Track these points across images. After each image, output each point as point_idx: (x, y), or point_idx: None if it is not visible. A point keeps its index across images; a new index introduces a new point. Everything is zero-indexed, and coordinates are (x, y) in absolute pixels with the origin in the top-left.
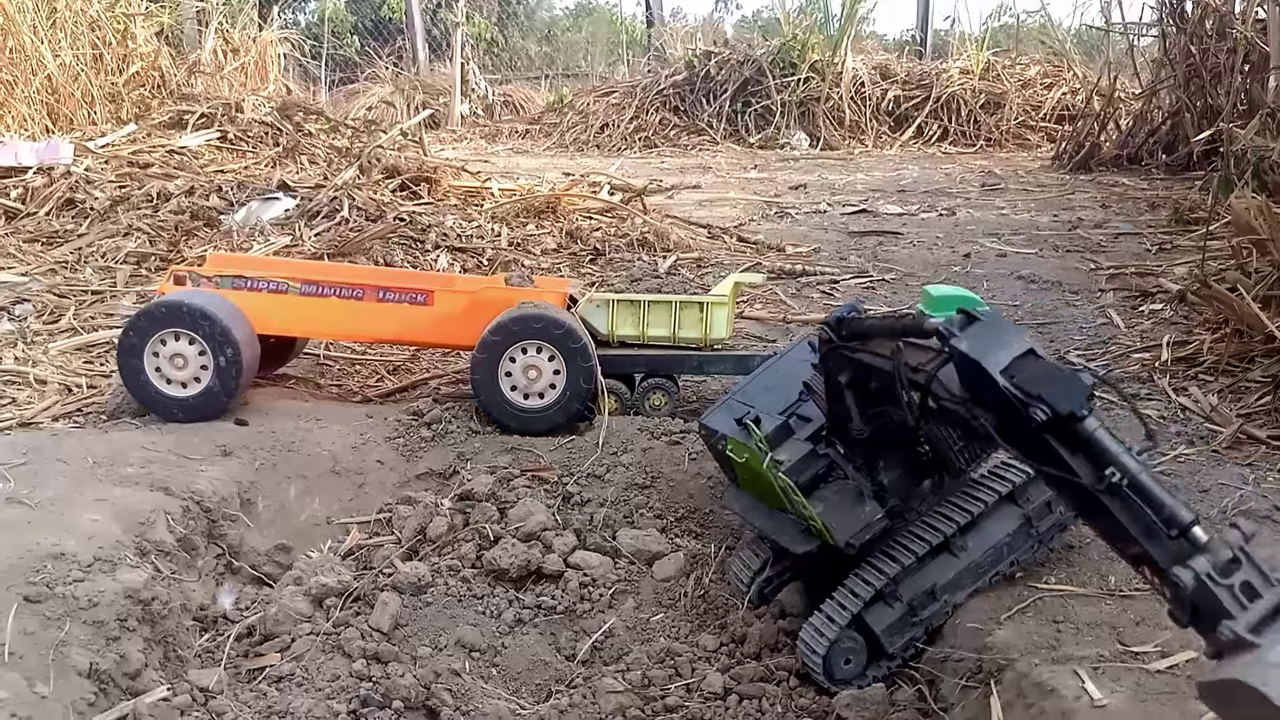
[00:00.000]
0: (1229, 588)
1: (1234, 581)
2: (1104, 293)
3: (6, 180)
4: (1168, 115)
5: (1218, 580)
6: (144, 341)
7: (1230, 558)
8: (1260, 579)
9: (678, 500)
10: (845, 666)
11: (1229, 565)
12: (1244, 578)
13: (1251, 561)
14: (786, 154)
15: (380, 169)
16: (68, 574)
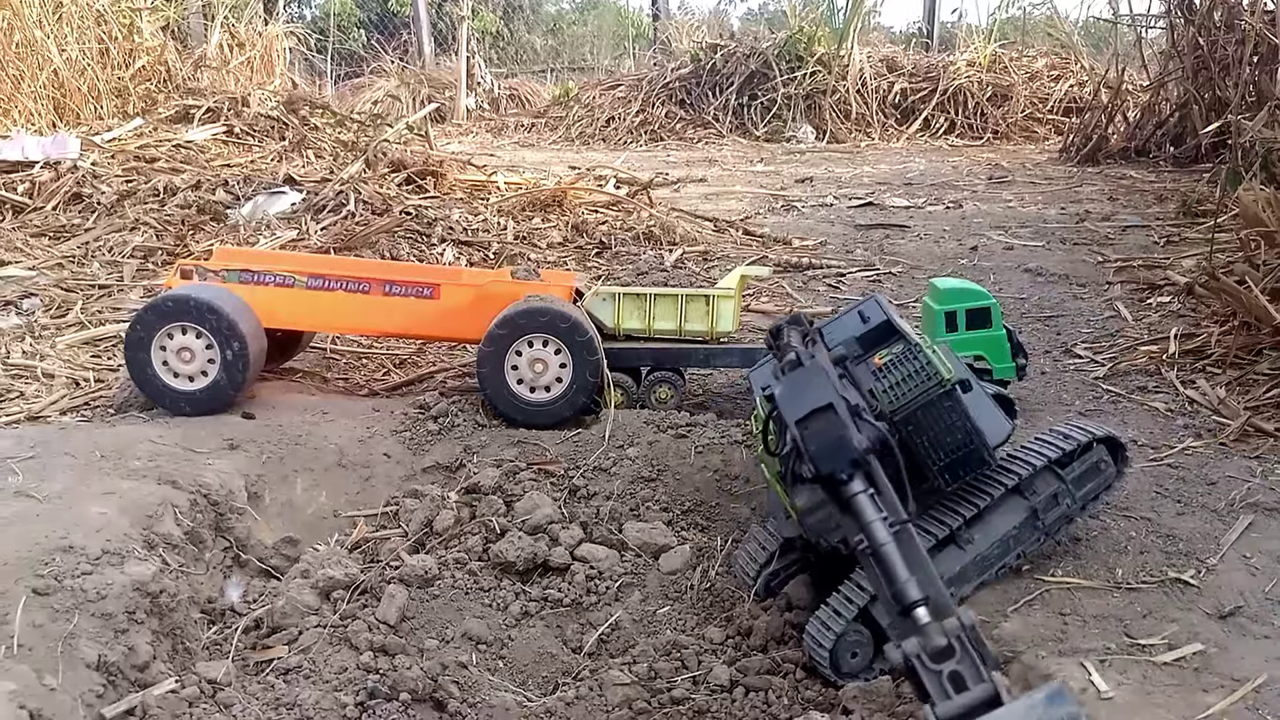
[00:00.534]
0: (937, 674)
1: (944, 669)
2: (1111, 285)
3: (13, 175)
4: (1175, 107)
5: (926, 665)
6: (151, 335)
7: (944, 645)
8: (972, 672)
9: (684, 493)
10: (852, 660)
11: (942, 652)
12: (955, 668)
13: (968, 652)
14: (792, 147)
15: (386, 163)
16: (76, 567)
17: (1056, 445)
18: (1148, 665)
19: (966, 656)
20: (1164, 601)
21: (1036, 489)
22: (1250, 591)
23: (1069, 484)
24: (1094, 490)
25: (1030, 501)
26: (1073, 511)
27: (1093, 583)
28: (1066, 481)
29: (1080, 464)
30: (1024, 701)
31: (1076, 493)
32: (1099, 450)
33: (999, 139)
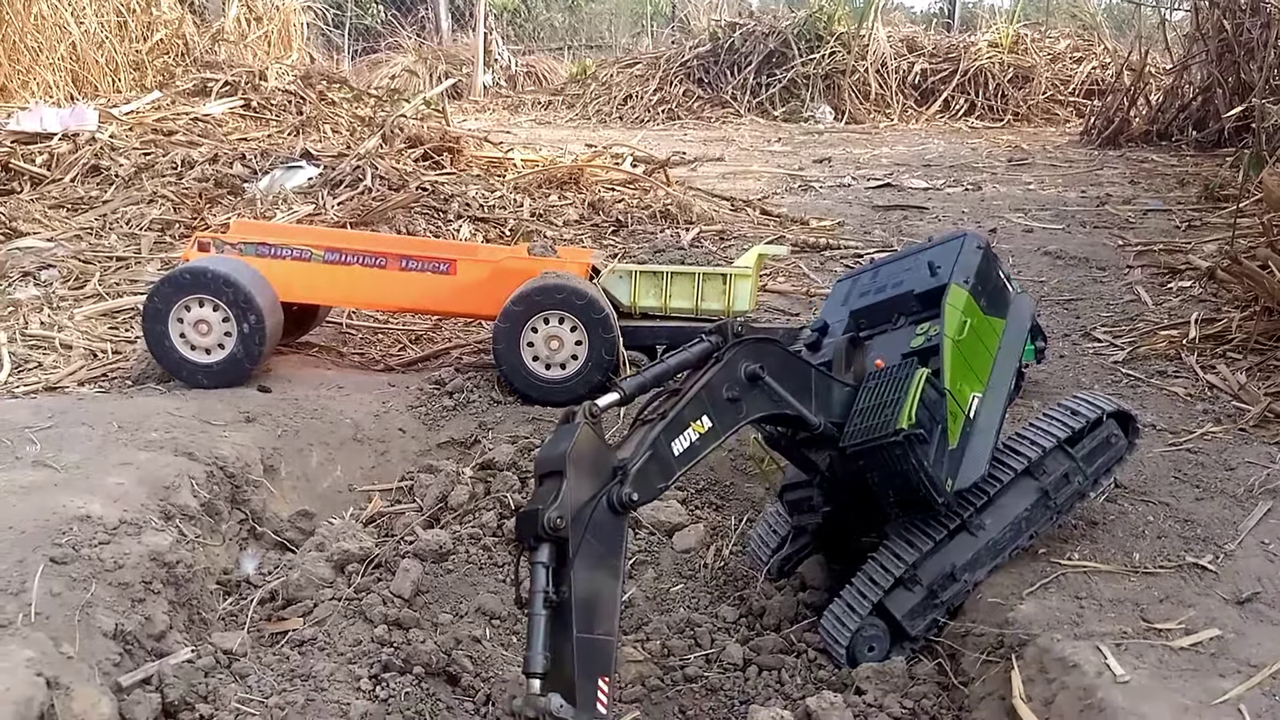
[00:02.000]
0: None
1: None
2: (1132, 269)
3: (32, 146)
4: (1199, 91)
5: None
6: (168, 307)
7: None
8: None
9: (698, 472)
10: (869, 653)
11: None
12: None
13: None
14: (811, 127)
15: (403, 139)
16: (93, 536)
17: (1065, 423)
18: (1164, 650)
19: None
20: (1181, 586)
21: (1047, 469)
22: (1268, 577)
23: (1079, 461)
24: (1105, 465)
25: (1041, 482)
26: (1084, 488)
27: (1109, 567)
28: (1077, 459)
29: (1091, 440)
30: None
31: (1088, 469)
32: (1109, 425)
33: (1019, 121)
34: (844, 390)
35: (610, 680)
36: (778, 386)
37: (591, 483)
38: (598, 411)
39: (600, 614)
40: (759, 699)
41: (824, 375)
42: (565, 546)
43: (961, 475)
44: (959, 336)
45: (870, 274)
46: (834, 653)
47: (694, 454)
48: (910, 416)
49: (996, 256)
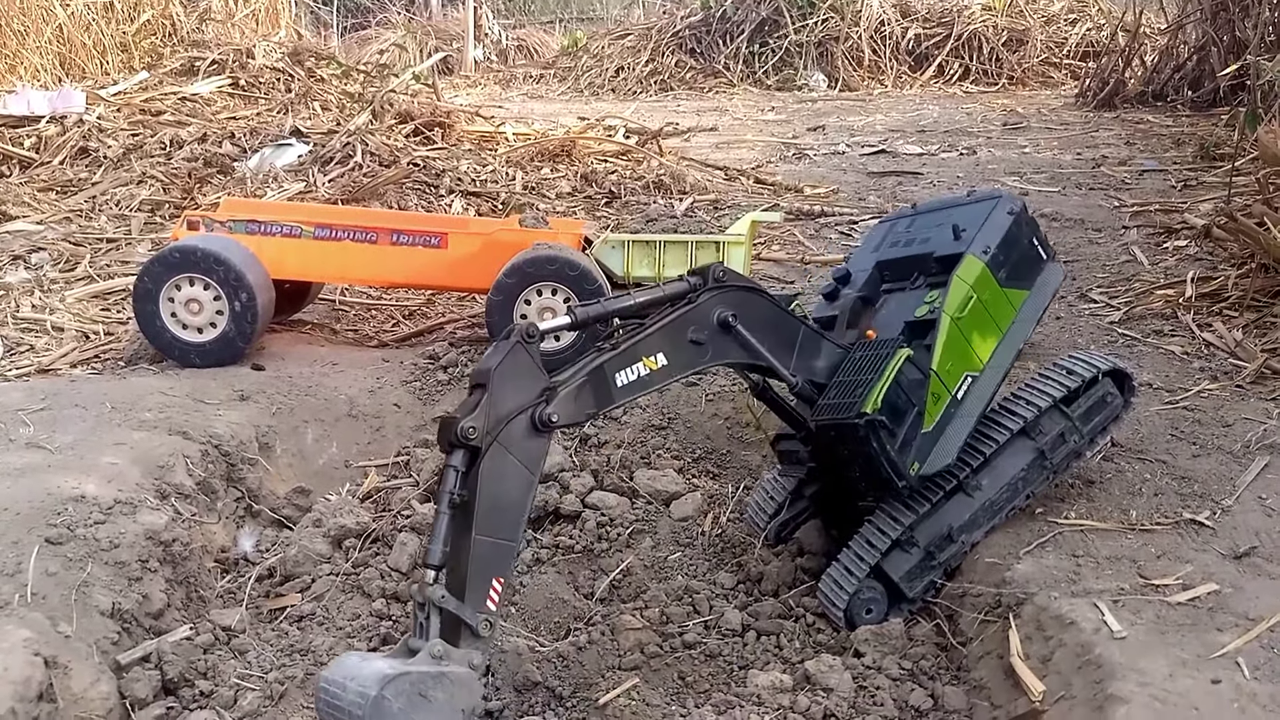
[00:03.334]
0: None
1: (421, 617)
2: (1127, 230)
3: (20, 130)
4: (1194, 50)
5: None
6: (159, 287)
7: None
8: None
9: (695, 441)
10: (867, 615)
11: (421, 605)
12: (422, 620)
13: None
14: (804, 95)
15: (393, 114)
16: (88, 516)
17: (1061, 383)
18: (1161, 605)
19: (424, 617)
20: (1178, 543)
21: (1043, 429)
22: (1266, 532)
23: (1075, 421)
24: (1102, 424)
25: (1037, 443)
26: (1081, 447)
27: (1107, 524)
28: (1073, 419)
29: (1086, 399)
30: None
31: (1084, 428)
32: (1105, 384)
33: (1014, 85)
34: (834, 352)
35: (505, 583)
36: (750, 338)
37: (516, 399)
38: (535, 332)
39: (504, 521)
40: (758, 664)
41: (814, 334)
42: (476, 454)
43: (931, 460)
44: (959, 315)
45: (907, 222)
46: (832, 615)
47: (641, 387)
48: (876, 402)
49: (1032, 222)
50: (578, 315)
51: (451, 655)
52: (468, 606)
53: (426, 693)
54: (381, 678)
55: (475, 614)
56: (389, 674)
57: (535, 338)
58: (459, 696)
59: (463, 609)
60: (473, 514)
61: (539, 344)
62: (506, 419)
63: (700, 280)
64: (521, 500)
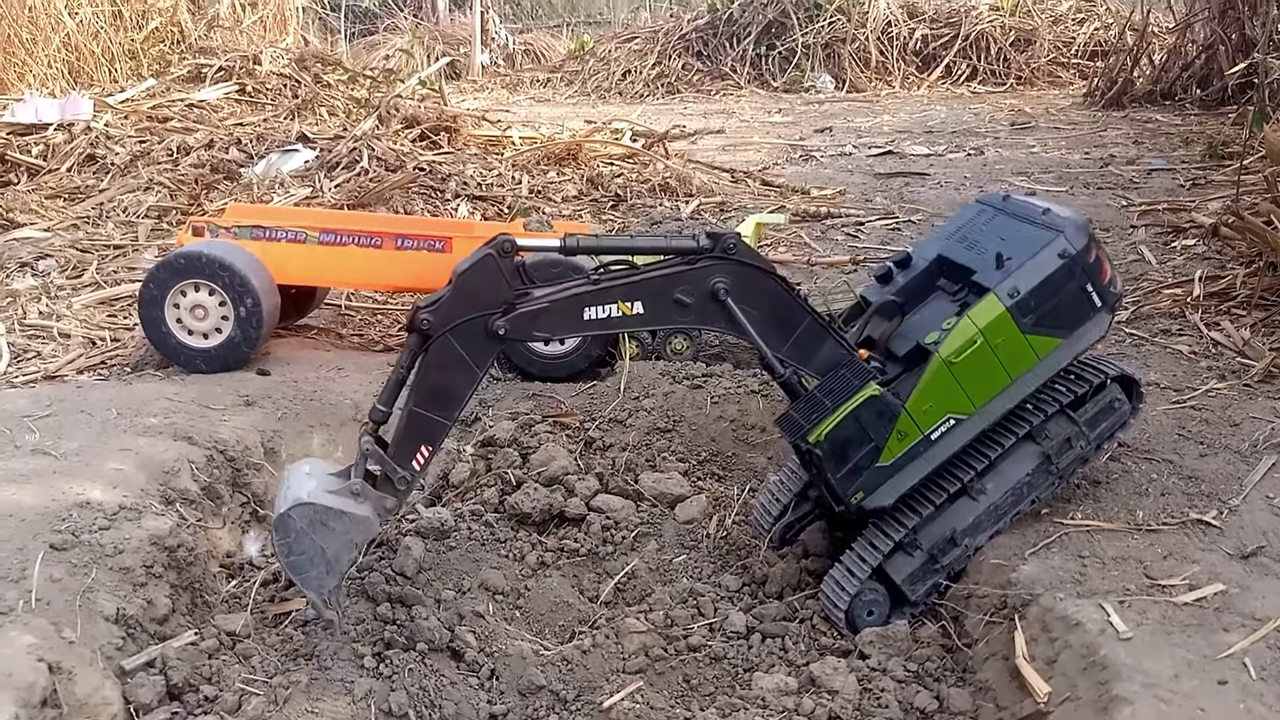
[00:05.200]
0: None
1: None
2: (1136, 229)
3: (27, 137)
4: (1202, 49)
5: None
6: (164, 293)
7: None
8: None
9: (700, 444)
10: (869, 618)
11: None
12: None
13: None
14: (811, 97)
15: (399, 119)
16: (93, 522)
17: (1068, 388)
18: (1167, 606)
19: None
20: (1185, 543)
21: (1049, 434)
22: (1273, 532)
23: (1082, 426)
24: (1109, 429)
25: (1043, 447)
26: (1087, 452)
27: (1113, 525)
28: (1080, 424)
29: (1094, 405)
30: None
31: (1090, 434)
32: (1112, 389)
33: (1022, 84)
34: (835, 351)
35: (433, 451)
36: (739, 315)
37: (478, 303)
38: (509, 246)
39: (443, 402)
40: (763, 666)
41: (820, 328)
42: (427, 341)
43: (877, 494)
44: (953, 359)
45: (988, 216)
46: (833, 617)
47: (609, 326)
48: (820, 434)
49: (1093, 266)
50: (567, 242)
51: (368, 495)
52: (391, 461)
53: (328, 522)
54: (295, 500)
55: (395, 469)
56: (302, 500)
57: (509, 252)
58: (354, 531)
59: (385, 460)
60: (413, 388)
61: (512, 259)
62: (459, 319)
63: (710, 244)
64: (461, 389)
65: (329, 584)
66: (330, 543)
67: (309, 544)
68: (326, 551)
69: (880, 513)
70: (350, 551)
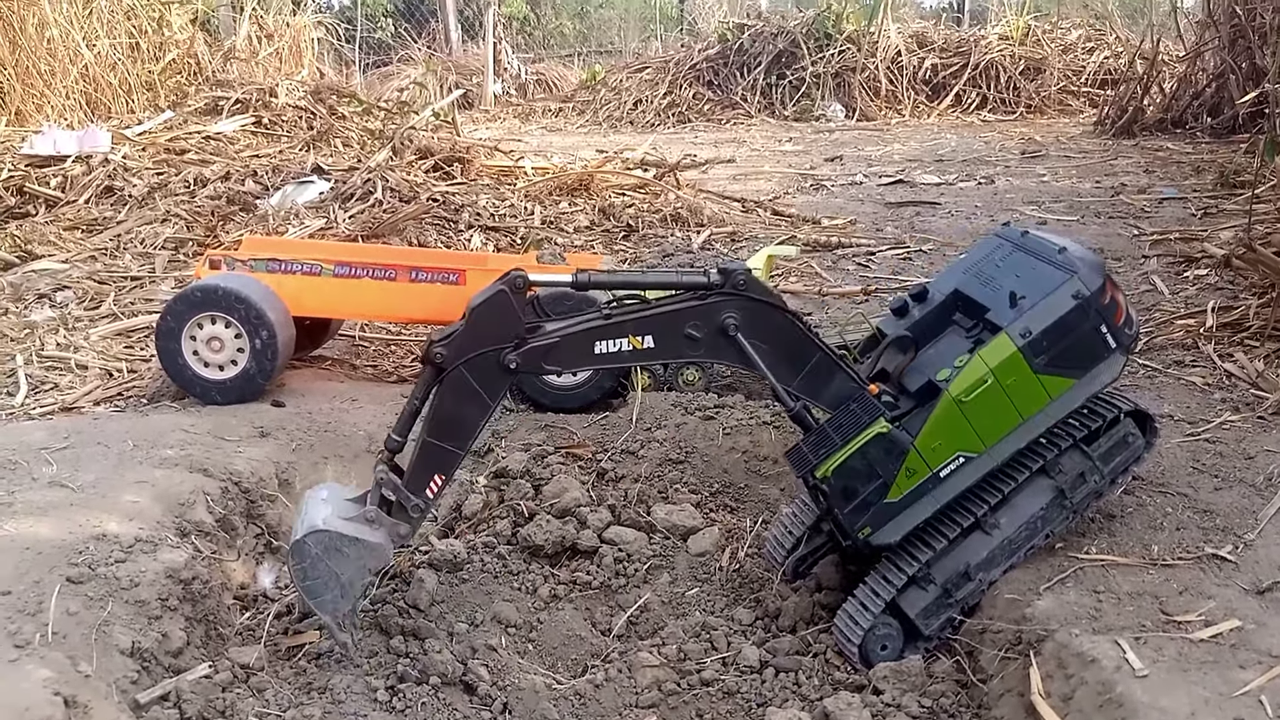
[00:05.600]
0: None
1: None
2: (1147, 259)
3: (46, 169)
4: (1212, 77)
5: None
6: (181, 325)
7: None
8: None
9: (712, 475)
10: (882, 652)
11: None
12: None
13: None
14: (822, 126)
15: (413, 150)
16: (109, 555)
17: (1082, 422)
18: (1183, 642)
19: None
20: (1200, 578)
21: (1063, 468)
22: None
23: (1096, 460)
24: (1123, 464)
25: (1057, 481)
26: (1101, 487)
27: (1128, 559)
28: (1094, 458)
29: (1107, 439)
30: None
31: (1104, 468)
32: (1126, 424)
33: (1032, 113)
34: (846, 384)
35: (445, 480)
36: (750, 349)
37: (488, 337)
38: (522, 282)
39: (457, 432)
40: (776, 701)
41: (831, 362)
42: (441, 373)
43: (885, 530)
44: (964, 397)
45: (1006, 251)
46: (847, 651)
47: (620, 360)
48: (828, 470)
49: (1108, 307)
50: (579, 278)
51: (382, 522)
52: (405, 489)
53: (342, 548)
54: (311, 526)
55: (409, 497)
56: (317, 526)
57: (522, 289)
58: (368, 558)
59: (399, 489)
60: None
61: (525, 295)
62: (472, 352)
63: (721, 280)
64: (474, 420)
65: (343, 608)
66: (345, 568)
67: (324, 569)
68: (341, 576)
69: (888, 549)
70: (364, 577)
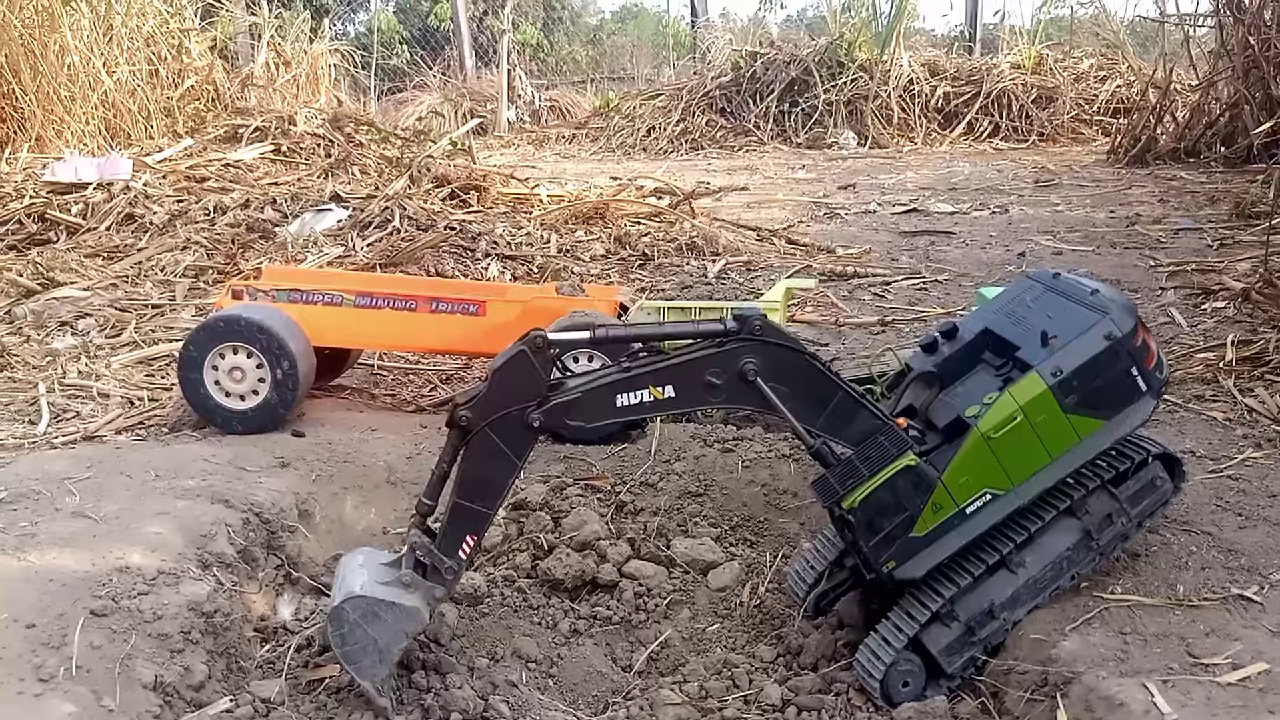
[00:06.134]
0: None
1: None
2: (1164, 291)
3: (67, 196)
4: (1226, 107)
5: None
6: (203, 355)
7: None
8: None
9: (731, 509)
10: (904, 689)
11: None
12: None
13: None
14: (834, 154)
15: (430, 178)
16: (133, 587)
17: (1110, 463)
18: (1211, 686)
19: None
20: (1227, 619)
21: (1090, 509)
22: None
23: (1124, 503)
24: (1150, 507)
25: (1083, 522)
26: (1128, 530)
27: (1153, 600)
28: (1121, 500)
29: (1135, 482)
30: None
31: (1132, 511)
32: (1154, 467)
33: (1045, 141)
34: (870, 421)
35: (478, 540)
36: (769, 393)
37: (511, 398)
38: (542, 342)
39: (486, 493)
40: None
41: (853, 400)
42: (466, 435)
43: (909, 565)
44: (993, 434)
45: (1037, 292)
46: (868, 687)
47: (642, 411)
48: (854, 501)
49: (1139, 350)
50: (597, 334)
51: (418, 585)
52: (438, 551)
53: (380, 613)
54: (348, 593)
55: (442, 559)
56: (354, 592)
57: (543, 349)
58: (404, 621)
59: (433, 553)
60: (458, 482)
61: (546, 354)
62: (496, 413)
63: (737, 327)
64: (501, 480)
65: (381, 673)
66: (382, 633)
67: (362, 635)
68: (379, 642)
69: (911, 584)
70: (401, 641)
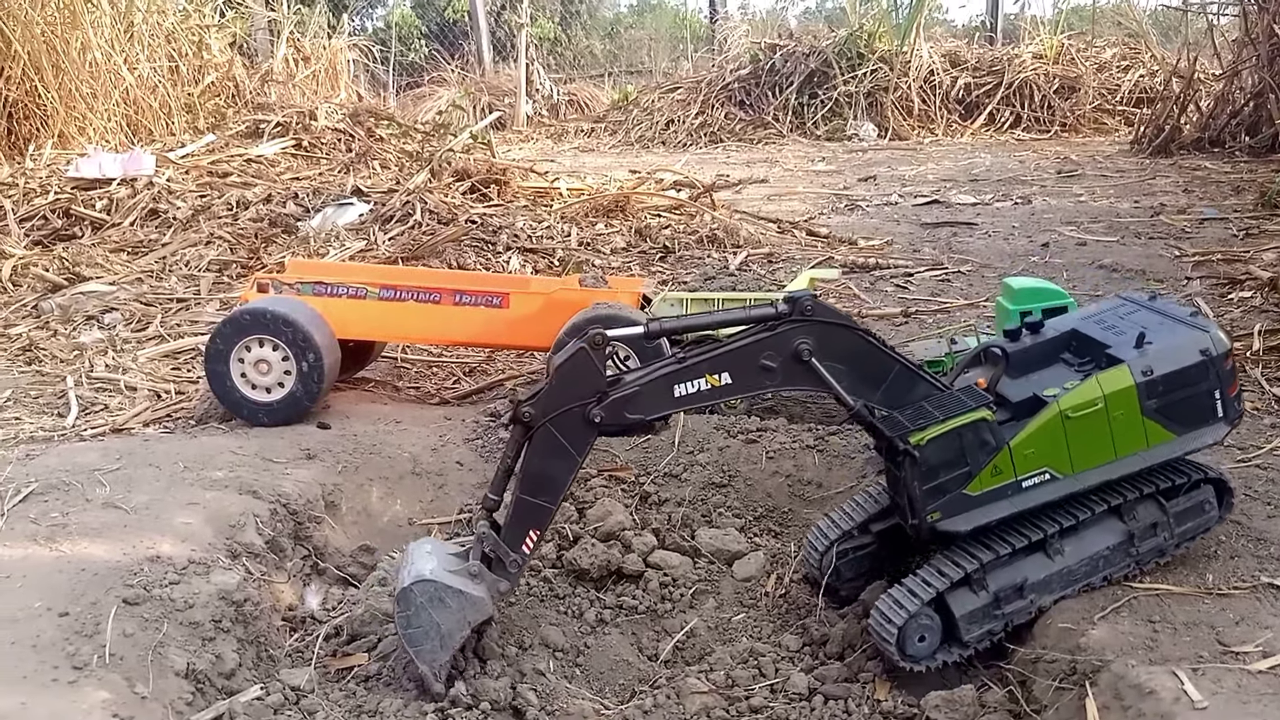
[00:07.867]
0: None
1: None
2: (1190, 280)
3: (91, 192)
4: (1250, 96)
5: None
6: (229, 348)
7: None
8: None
9: (755, 499)
10: (919, 644)
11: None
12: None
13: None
14: (854, 145)
15: (450, 172)
16: (164, 576)
17: (1166, 474)
18: (1242, 674)
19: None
20: (1257, 607)
21: (1137, 515)
22: None
23: (1171, 518)
24: (1193, 530)
25: (1128, 525)
26: (1167, 546)
27: (1183, 589)
28: (1169, 514)
29: (1186, 499)
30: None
31: (1176, 529)
32: (1206, 490)
33: (1067, 131)
34: (930, 391)
35: (541, 534)
36: (824, 372)
37: (572, 395)
38: (601, 340)
39: (547, 488)
40: None
41: (911, 371)
42: (529, 431)
43: (954, 520)
44: (1072, 413)
45: (1130, 309)
46: (883, 633)
47: (700, 399)
48: (923, 439)
49: (1228, 374)
50: (651, 327)
51: (484, 577)
52: (503, 545)
53: (446, 599)
54: (418, 575)
55: (508, 553)
56: (424, 576)
57: (601, 346)
58: (469, 611)
59: (499, 546)
60: (520, 478)
61: (604, 351)
62: (557, 410)
63: (788, 309)
64: (563, 475)
65: (441, 659)
66: (446, 619)
67: (426, 619)
68: (442, 628)
69: (950, 538)
70: (464, 629)
